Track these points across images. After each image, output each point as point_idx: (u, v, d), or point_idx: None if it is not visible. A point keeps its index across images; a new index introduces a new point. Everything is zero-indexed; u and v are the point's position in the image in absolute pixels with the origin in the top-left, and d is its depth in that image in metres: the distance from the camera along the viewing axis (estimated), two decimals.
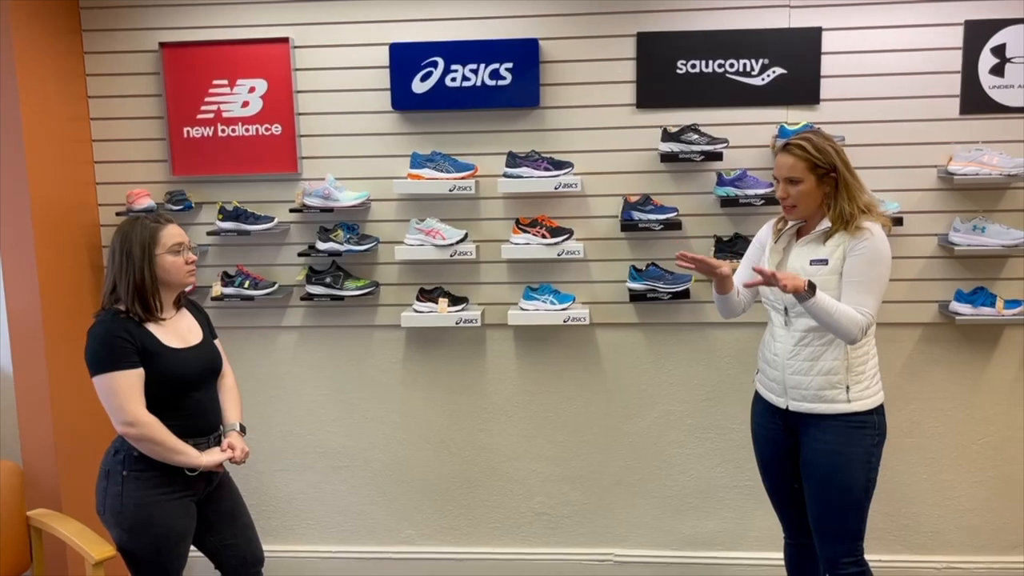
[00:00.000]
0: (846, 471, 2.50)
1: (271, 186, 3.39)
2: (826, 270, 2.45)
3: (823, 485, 2.54)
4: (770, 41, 3.14)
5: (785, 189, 2.48)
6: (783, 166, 2.48)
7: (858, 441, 2.51)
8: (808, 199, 2.47)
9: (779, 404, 2.59)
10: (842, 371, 2.47)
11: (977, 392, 3.30)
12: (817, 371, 2.49)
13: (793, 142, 2.48)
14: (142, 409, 2.38)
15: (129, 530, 2.42)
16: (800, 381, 2.52)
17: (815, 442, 2.53)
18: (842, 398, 2.48)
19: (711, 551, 3.48)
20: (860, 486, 2.52)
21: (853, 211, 2.45)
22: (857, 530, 2.57)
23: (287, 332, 3.49)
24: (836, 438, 2.50)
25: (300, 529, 3.61)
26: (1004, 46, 3.07)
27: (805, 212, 2.51)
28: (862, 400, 2.50)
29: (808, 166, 2.45)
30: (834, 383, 2.48)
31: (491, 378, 3.46)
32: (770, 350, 2.61)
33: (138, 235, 2.43)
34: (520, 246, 3.23)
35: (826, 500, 2.55)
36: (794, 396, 2.54)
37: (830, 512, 2.55)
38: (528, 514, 3.54)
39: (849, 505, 2.54)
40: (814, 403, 2.51)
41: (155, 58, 3.35)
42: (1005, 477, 3.33)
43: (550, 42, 3.21)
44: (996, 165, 3.03)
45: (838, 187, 2.46)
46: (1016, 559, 3.35)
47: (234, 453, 2.53)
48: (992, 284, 3.17)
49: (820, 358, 2.48)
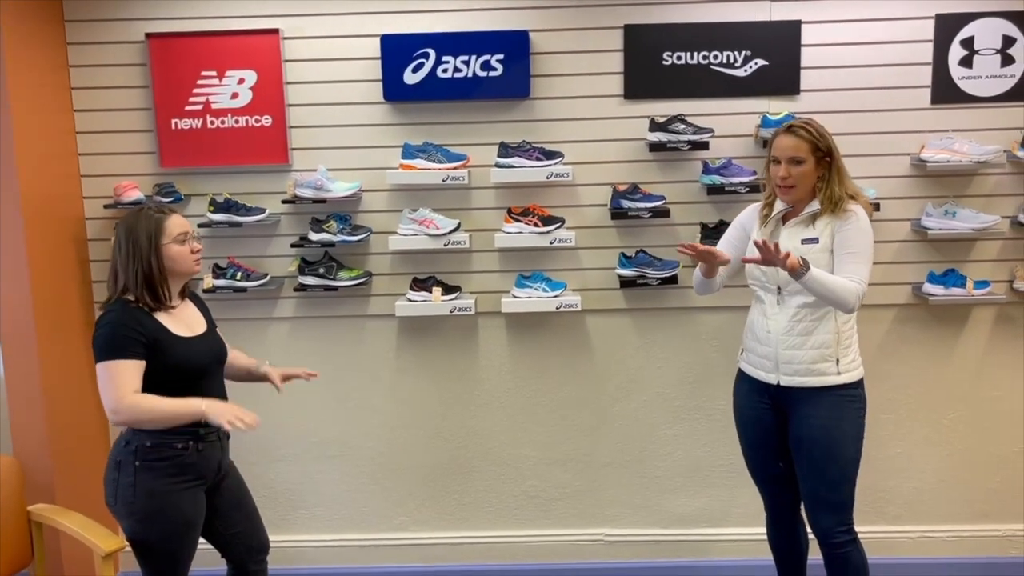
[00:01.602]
0: (840, 445, 2.62)
1: (261, 177, 3.40)
2: (818, 247, 2.57)
3: (818, 459, 2.64)
4: (752, 34, 3.25)
5: (788, 169, 2.57)
6: (787, 147, 2.57)
7: (849, 415, 2.63)
8: (806, 180, 2.58)
9: (769, 380, 2.69)
10: (833, 344, 2.59)
11: (947, 369, 3.46)
12: (811, 345, 2.60)
13: (796, 124, 2.60)
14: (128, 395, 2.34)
15: (141, 520, 2.42)
16: (793, 356, 2.62)
17: (808, 418, 2.63)
18: (832, 371, 2.60)
19: (698, 528, 3.59)
20: (852, 458, 2.65)
21: (843, 195, 2.58)
22: (849, 500, 2.69)
23: (278, 323, 3.50)
24: (829, 413, 2.61)
25: (294, 519, 3.63)
26: (972, 39, 3.22)
27: (801, 193, 2.60)
28: (849, 372, 2.62)
29: (811, 148, 2.56)
30: (826, 356, 2.59)
31: (483, 365, 3.52)
32: (762, 328, 2.69)
33: (143, 225, 2.43)
34: (512, 235, 3.29)
35: (820, 474, 2.66)
36: (786, 371, 2.64)
37: (824, 485, 2.66)
38: (520, 497, 3.61)
39: (842, 478, 2.66)
40: (806, 376, 2.61)
41: (141, 49, 3.32)
42: (974, 450, 3.51)
43: (540, 34, 3.27)
44: (966, 153, 3.18)
45: (831, 171, 2.57)
46: (986, 527, 3.54)
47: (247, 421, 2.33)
48: (962, 266, 3.33)
49: (813, 332, 2.60)
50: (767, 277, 2.65)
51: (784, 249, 2.58)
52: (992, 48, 3.23)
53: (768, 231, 2.69)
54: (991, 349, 3.43)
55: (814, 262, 2.51)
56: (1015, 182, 3.30)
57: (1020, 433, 3.48)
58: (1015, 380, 3.44)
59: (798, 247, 2.58)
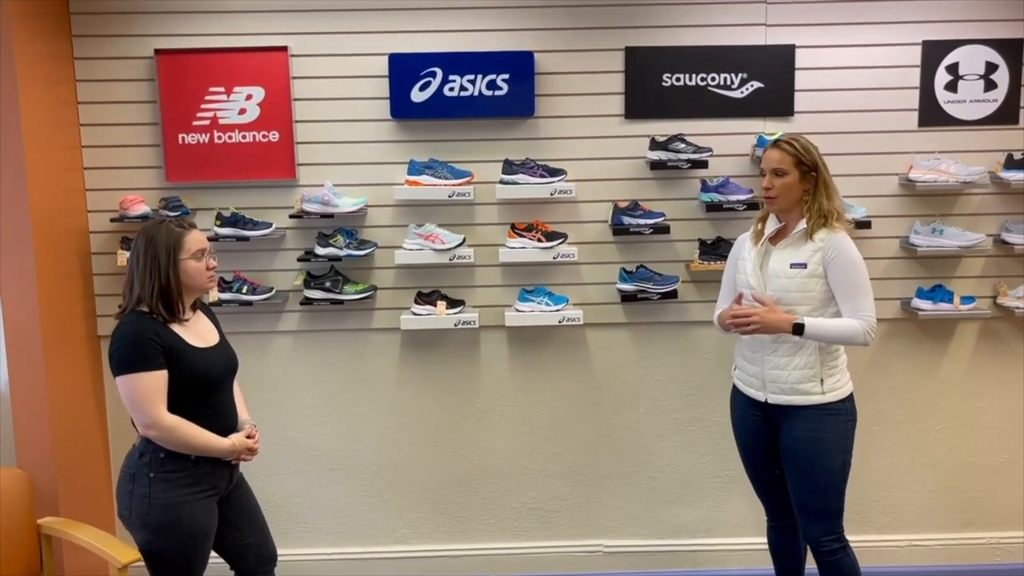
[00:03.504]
0: (824, 455, 2.70)
1: (266, 192, 3.44)
2: (805, 273, 2.64)
3: (804, 469, 2.73)
4: (748, 57, 3.36)
5: (771, 180, 2.67)
6: (772, 159, 2.68)
7: (832, 427, 2.70)
8: (789, 192, 2.66)
9: (758, 398, 2.77)
10: (817, 365, 2.67)
11: (934, 382, 3.58)
12: (795, 366, 2.68)
13: (783, 139, 2.71)
14: (164, 411, 2.40)
15: (156, 532, 2.43)
16: (778, 376, 2.70)
17: (793, 430, 2.72)
18: (817, 390, 2.68)
19: (695, 538, 3.66)
20: (837, 468, 2.72)
21: (832, 209, 2.67)
22: (837, 509, 2.77)
23: (282, 336, 3.53)
24: (812, 424, 2.69)
25: (295, 533, 3.63)
26: (957, 64, 3.37)
27: (784, 204, 2.68)
28: (835, 391, 2.70)
29: (794, 161, 2.65)
30: (810, 376, 2.67)
31: (484, 378, 3.57)
32: (749, 348, 2.78)
33: (163, 238, 2.45)
34: (516, 250, 3.35)
35: (807, 483, 2.74)
36: (772, 390, 2.73)
37: (811, 494, 2.74)
38: (520, 510, 3.66)
39: (828, 486, 2.73)
40: (791, 395, 2.70)
41: (148, 64, 3.36)
42: (960, 460, 3.62)
43: (544, 55, 3.36)
44: (953, 173, 3.31)
45: (817, 185, 2.67)
46: (972, 535, 3.65)
47: (256, 443, 2.56)
48: (949, 282, 3.46)
49: (797, 354, 2.67)
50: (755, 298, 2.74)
51: (773, 272, 2.67)
52: (976, 74, 3.37)
53: (761, 251, 2.75)
54: (976, 363, 3.56)
55: (802, 287, 2.62)
56: (998, 201, 3.44)
57: (1004, 443, 3.60)
58: (999, 392, 3.57)
59: (786, 271, 2.66)
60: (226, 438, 2.49)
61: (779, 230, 2.75)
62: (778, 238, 2.74)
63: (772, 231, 2.76)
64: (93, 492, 3.41)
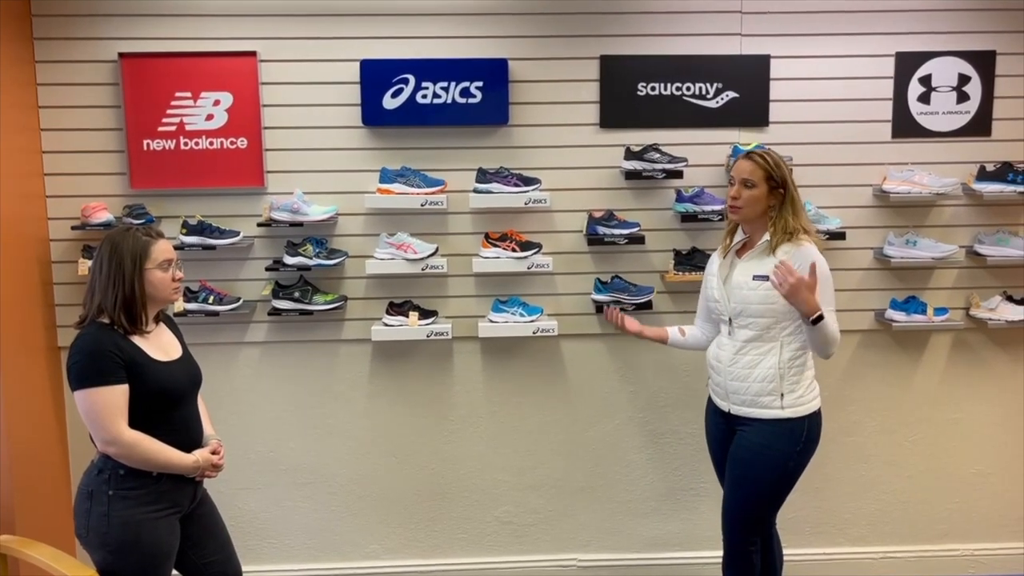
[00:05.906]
0: (762, 468, 2.68)
1: (234, 200, 3.36)
2: (767, 285, 2.62)
3: (737, 478, 2.74)
4: (723, 67, 3.35)
5: (739, 190, 2.66)
6: (743, 169, 2.67)
7: (780, 444, 2.67)
8: (755, 204, 2.65)
9: (722, 407, 2.78)
10: (776, 379, 2.65)
11: (908, 393, 3.58)
12: (755, 378, 2.67)
13: (755, 151, 2.70)
14: (125, 427, 2.32)
15: (115, 551, 2.34)
16: (739, 387, 2.70)
17: (742, 439, 2.73)
18: (776, 404, 2.66)
19: (670, 551, 3.62)
20: (767, 486, 2.71)
21: (797, 227, 2.65)
22: (756, 522, 2.78)
23: (250, 348, 3.45)
24: (762, 439, 2.68)
25: (263, 549, 3.54)
26: (930, 76, 3.38)
27: (748, 215, 2.67)
28: (795, 407, 2.66)
29: (764, 175, 2.64)
30: (769, 390, 2.65)
31: (457, 390, 3.51)
32: (715, 357, 2.79)
33: (130, 246, 2.37)
34: (490, 260, 3.31)
35: (734, 491, 2.76)
36: (734, 400, 2.72)
37: (735, 501, 2.76)
38: (494, 523, 3.60)
39: (754, 496, 2.73)
40: (751, 408, 2.69)
41: (112, 68, 3.27)
42: (934, 471, 3.62)
43: (519, 62, 3.32)
44: (926, 184, 3.32)
45: (784, 202, 2.65)
46: (946, 546, 3.64)
47: (221, 459, 2.49)
48: (922, 293, 3.46)
49: (757, 366, 2.66)
50: (722, 307, 2.73)
51: (736, 284, 2.67)
52: (948, 86, 3.39)
53: (728, 263, 2.76)
54: (949, 374, 3.56)
55: (764, 299, 2.61)
56: (971, 213, 3.45)
57: (978, 454, 3.61)
58: (973, 403, 3.58)
59: (749, 283, 2.66)
60: (190, 454, 2.42)
61: (744, 243, 2.75)
62: (744, 251, 2.74)
63: (738, 243, 2.76)
64: (52, 509, 3.30)
